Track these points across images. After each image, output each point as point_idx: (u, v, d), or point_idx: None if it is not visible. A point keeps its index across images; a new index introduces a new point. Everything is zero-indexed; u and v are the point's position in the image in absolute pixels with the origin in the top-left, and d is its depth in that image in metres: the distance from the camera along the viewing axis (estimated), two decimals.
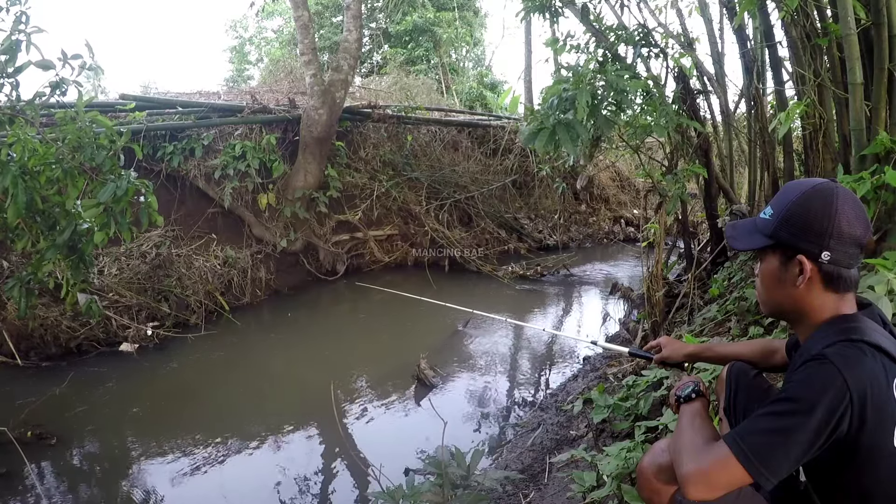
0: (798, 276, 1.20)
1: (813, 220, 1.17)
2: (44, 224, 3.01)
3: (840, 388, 1.05)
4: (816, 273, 1.19)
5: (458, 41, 16.76)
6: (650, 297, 4.38)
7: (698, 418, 1.30)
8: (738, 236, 1.33)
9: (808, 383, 1.08)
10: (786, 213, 1.21)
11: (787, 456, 1.07)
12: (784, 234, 1.21)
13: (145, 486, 3.13)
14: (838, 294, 1.20)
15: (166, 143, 6.45)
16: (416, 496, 1.98)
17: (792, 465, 1.08)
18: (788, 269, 1.22)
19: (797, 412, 1.07)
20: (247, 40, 19.46)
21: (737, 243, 1.33)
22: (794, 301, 1.23)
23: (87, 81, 9.80)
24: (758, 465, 1.07)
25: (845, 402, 1.04)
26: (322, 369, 4.78)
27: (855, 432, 1.06)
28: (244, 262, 6.42)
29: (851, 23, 2.64)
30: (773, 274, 1.25)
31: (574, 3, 4.47)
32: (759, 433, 1.09)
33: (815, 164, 3.45)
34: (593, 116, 3.31)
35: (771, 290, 1.27)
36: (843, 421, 1.05)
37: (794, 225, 1.19)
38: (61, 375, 4.29)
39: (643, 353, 1.91)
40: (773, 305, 1.30)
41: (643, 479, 1.43)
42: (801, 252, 1.19)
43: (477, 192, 8.78)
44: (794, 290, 1.21)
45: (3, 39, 2.78)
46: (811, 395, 1.07)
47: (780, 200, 1.24)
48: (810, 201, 1.18)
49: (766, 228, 1.25)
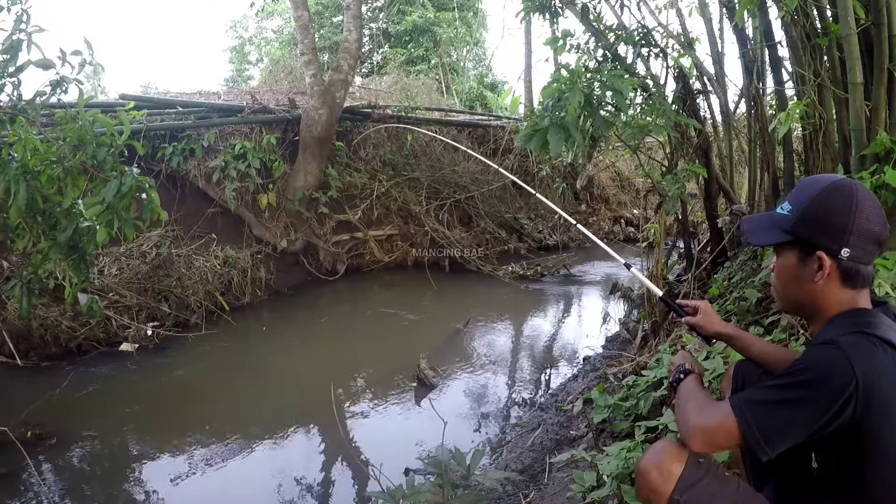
0: (817, 272, 1.20)
1: (833, 216, 1.17)
2: (45, 223, 3.01)
3: (846, 373, 1.05)
4: (835, 269, 1.19)
5: (458, 41, 16.76)
6: (650, 297, 4.38)
7: (694, 389, 1.35)
8: (754, 231, 1.32)
9: (815, 362, 1.10)
10: (805, 209, 1.20)
11: (788, 430, 1.08)
12: (803, 231, 1.21)
13: (145, 485, 3.14)
14: (855, 290, 1.20)
15: (166, 143, 6.45)
16: (416, 496, 1.98)
17: (790, 442, 1.09)
18: (807, 265, 1.21)
19: (802, 385, 1.08)
20: (247, 40, 19.44)
21: (753, 238, 1.33)
22: (811, 296, 1.23)
23: (88, 81, 9.81)
24: (757, 433, 1.10)
25: (851, 387, 1.05)
26: (322, 369, 4.78)
27: (860, 420, 1.06)
28: (244, 262, 6.42)
29: (851, 23, 2.64)
30: (791, 269, 1.25)
31: (574, 4, 4.48)
32: (763, 403, 1.12)
33: (815, 164, 3.45)
34: (591, 117, 3.31)
35: (788, 286, 1.27)
36: (848, 406, 1.05)
37: (815, 221, 1.19)
38: (61, 375, 4.29)
39: (676, 306, 1.73)
40: (789, 300, 1.30)
41: (642, 478, 1.43)
42: (821, 248, 1.18)
43: (477, 192, 8.79)
44: (811, 285, 1.21)
45: (5, 39, 2.78)
46: (818, 374, 1.08)
47: (799, 196, 1.23)
48: (831, 198, 1.18)
49: (785, 224, 1.24)
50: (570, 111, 3.11)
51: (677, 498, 1.35)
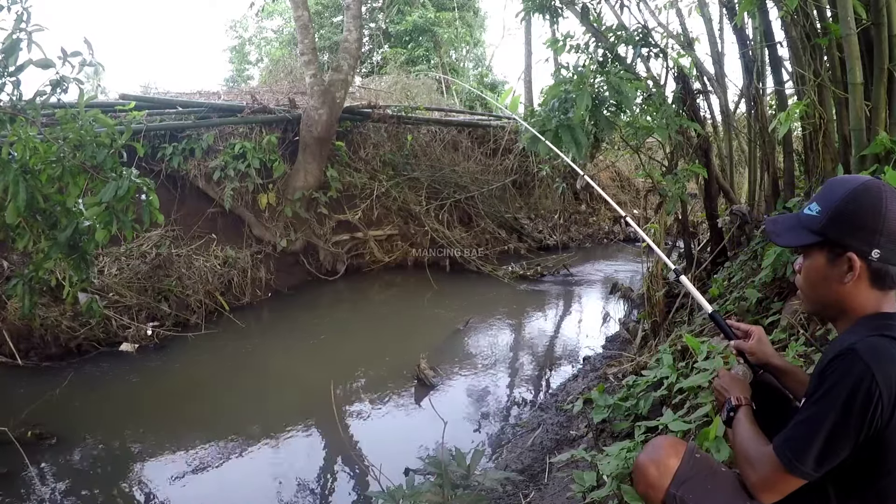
0: (847, 274, 1.19)
1: (864, 217, 1.17)
2: (44, 223, 3.02)
3: (869, 388, 1.07)
4: (865, 270, 1.18)
5: (458, 41, 16.75)
6: (650, 297, 4.39)
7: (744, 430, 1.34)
8: (780, 232, 1.32)
9: (837, 384, 1.11)
10: (835, 210, 1.20)
11: (833, 456, 1.12)
12: (834, 232, 1.20)
13: (145, 485, 3.14)
14: (882, 291, 1.20)
15: (166, 143, 6.45)
16: (416, 496, 1.98)
17: (837, 461, 1.13)
18: (836, 266, 1.21)
19: (831, 412, 1.10)
20: (247, 40, 19.42)
21: (779, 239, 1.32)
22: (839, 297, 1.23)
23: (88, 81, 9.79)
24: (808, 470, 1.14)
25: (875, 397, 1.07)
26: (322, 369, 4.78)
27: (885, 424, 1.08)
28: (244, 262, 6.42)
29: (851, 23, 2.64)
30: (820, 271, 1.24)
31: (574, 4, 4.48)
32: (802, 440, 1.14)
33: (815, 164, 3.45)
34: (594, 117, 3.31)
35: (816, 287, 1.27)
36: (876, 415, 1.08)
37: (845, 222, 1.19)
38: (61, 375, 4.29)
39: (726, 327, 1.59)
40: (816, 301, 1.30)
41: (640, 474, 1.44)
42: (851, 249, 1.18)
43: (477, 192, 8.78)
44: (839, 286, 1.21)
45: (5, 38, 2.78)
46: (842, 397, 1.09)
47: (828, 197, 1.22)
48: (861, 199, 1.18)
49: (814, 225, 1.23)
50: (577, 113, 3.09)
51: (674, 492, 1.35)
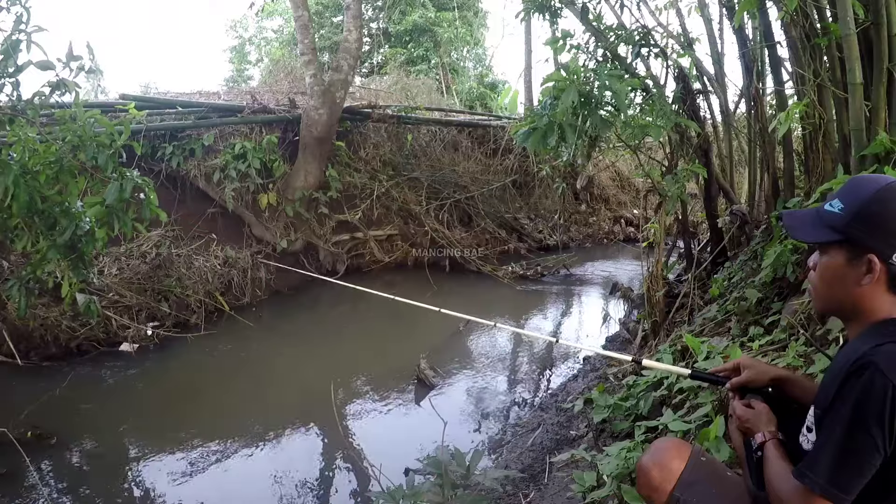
0: (865, 275, 1.16)
1: (889, 219, 1.14)
2: (43, 224, 3.01)
3: (882, 385, 1.04)
4: (884, 273, 1.15)
5: (458, 41, 16.75)
6: (650, 297, 4.38)
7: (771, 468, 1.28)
8: (798, 227, 1.28)
9: (863, 406, 1.07)
10: (860, 210, 1.16)
11: (861, 474, 1.08)
12: (856, 231, 1.16)
13: (145, 485, 3.13)
14: None
15: (166, 143, 6.45)
16: (416, 496, 1.98)
17: (868, 476, 1.08)
18: (854, 267, 1.17)
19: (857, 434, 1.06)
20: (247, 40, 19.43)
21: (798, 234, 1.29)
22: (854, 299, 1.19)
23: (87, 82, 9.80)
24: (837, 492, 1.08)
25: (889, 395, 1.04)
26: (322, 369, 4.77)
27: None
28: (244, 262, 6.42)
29: (851, 23, 2.64)
30: (837, 270, 1.20)
31: (574, 3, 4.47)
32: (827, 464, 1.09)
33: (815, 164, 3.44)
34: (589, 116, 3.31)
35: (832, 287, 1.23)
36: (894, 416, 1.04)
37: (869, 223, 1.15)
38: (61, 375, 4.30)
39: (711, 377, 1.55)
40: (829, 301, 1.26)
41: (643, 476, 1.43)
42: (873, 251, 1.15)
43: (477, 192, 8.78)
44: (856, 288, 1.18)
45: (4, 39, 2.78)
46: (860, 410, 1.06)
47: (852, 195, 1.19)
48: (887, 200, 1.14)
49: (835, 222, 1.19)
50: (561, 109, 3.11)
51: (678, 496, 1.34)
